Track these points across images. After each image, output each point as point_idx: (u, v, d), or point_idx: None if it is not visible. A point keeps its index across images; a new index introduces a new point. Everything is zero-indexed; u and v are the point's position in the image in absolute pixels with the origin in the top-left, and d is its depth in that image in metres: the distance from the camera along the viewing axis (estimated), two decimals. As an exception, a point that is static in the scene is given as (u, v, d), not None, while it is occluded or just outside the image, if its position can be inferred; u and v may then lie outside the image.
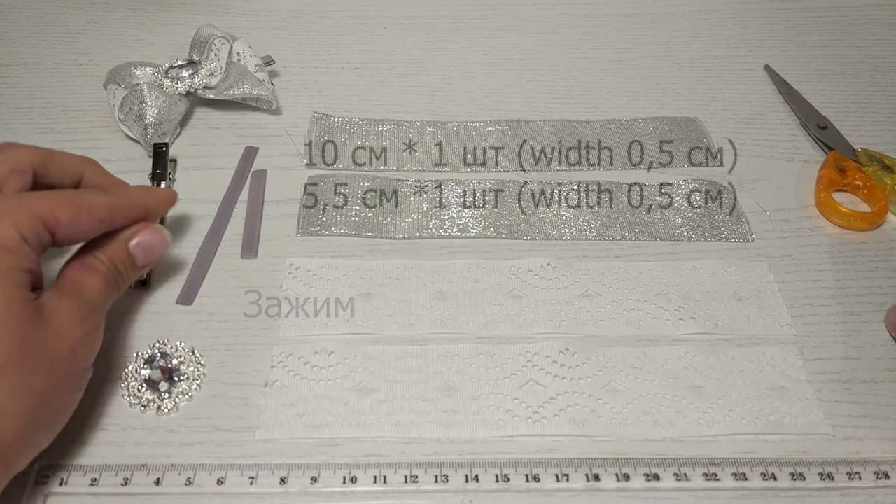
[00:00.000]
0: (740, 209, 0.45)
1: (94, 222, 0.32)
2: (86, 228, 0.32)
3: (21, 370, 0.27)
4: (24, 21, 0.57)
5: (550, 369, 0.36)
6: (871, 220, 0.44)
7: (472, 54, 0.56)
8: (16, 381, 0.27)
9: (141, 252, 0.35)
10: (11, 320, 0.28)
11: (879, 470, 0.33)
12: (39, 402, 0.28)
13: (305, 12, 0.59)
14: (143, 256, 0.35)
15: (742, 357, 0.37)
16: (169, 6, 0.59)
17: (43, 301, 0.29)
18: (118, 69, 0.49)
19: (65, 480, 0.31)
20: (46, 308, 0.29)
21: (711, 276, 0.41)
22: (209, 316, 0.38)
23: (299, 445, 0.33)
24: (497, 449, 0.33)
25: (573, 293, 0.40)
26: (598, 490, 0.32)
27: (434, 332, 0.38)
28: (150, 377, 0.35)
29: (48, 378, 0.29)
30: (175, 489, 0.31)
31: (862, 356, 0.38)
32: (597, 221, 0.44)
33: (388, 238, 0.42)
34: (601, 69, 0.55)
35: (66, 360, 0.29)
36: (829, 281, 0.41)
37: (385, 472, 0.32)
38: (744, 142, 0.49)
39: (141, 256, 0.35)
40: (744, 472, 0.33)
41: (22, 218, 0.29)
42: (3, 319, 0.27)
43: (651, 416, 0.35)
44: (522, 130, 0.49)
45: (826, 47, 0.59)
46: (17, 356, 0.27)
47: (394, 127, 0.49)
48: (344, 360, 0.36)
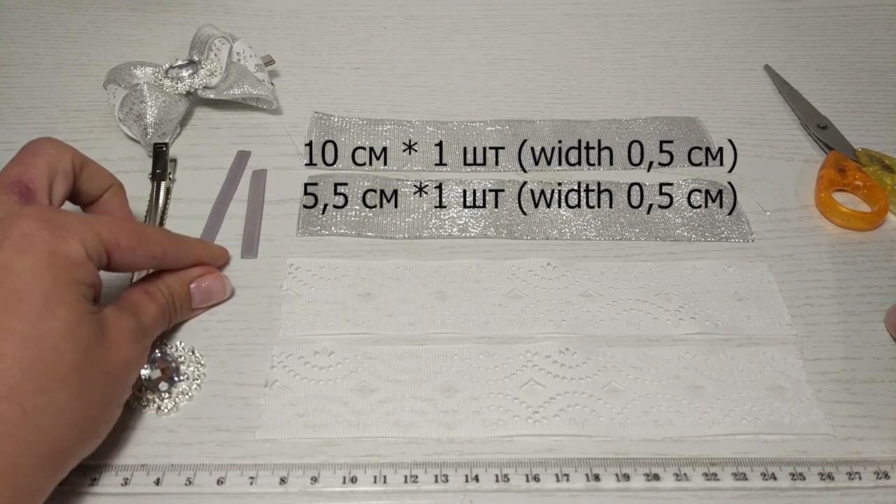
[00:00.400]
0: (740, 209, 0.45)
1: (147, 256, 0.34)
2: (139, 260, 0.33)
3: (83, 379, 0.29)
4: (24, 21, 0.57)
5: (550, 369, 0.36)
6: (871, 220, 0.44)
7: (472, 54, 0.56)
8: (78, 389, 0.28)
9: (199, 294, 0.37)
10: (81, 329, 0.29)
11: (879, 470, 0.33)
12: (92, 412, 0.29)
13: (305, 12, 0.59)
14: (200, 298, 0.37)
15: (742, 357, 0.37)
16: (169, 6, 0.59)
17: (105, 315, 0.31)
18: (118, 69, 0.49)
19: (65, 480, 0.31)
20: (108, 322, 0.30)
21: (711, 276, 0.41)
22: (209, 316, 0.38)
23: (299, 445, 0.33)
24: (497, 449, 0.33)
25: (573, 293, 0.40)
26: (598, 490, 0.32)
27: (434, 332, 0.38)
28: (150, 377, 0.35)
29: (104, 389, 0.30)
30: (175, 489, 0.31)
31: (862, 356, 0.38)
32: (597, 221, 0.44)
33: (388, 238, 0.42)
34: (601, 69, 0.55)
35: (120, 373, 0.31)
36: (829, 281, 0.41)
37: (385, 472, 0.32)
38: (744, 142, 0.49)
39: (198, 298, 0.37)
40: (744, 472, 0.33)
41: (89, 237, 0.30)
42: (74, 328, 0.28)
43: (651, 416, 0.35)
44: (522, 130, 0.49)
45: (826, 47, 0.59)
46: (82, 365, 0.28)
47: (394, 127, 0.49)
48: (344, 360, 0.36)
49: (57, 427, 0.28)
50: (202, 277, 0.37)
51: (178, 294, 0.36)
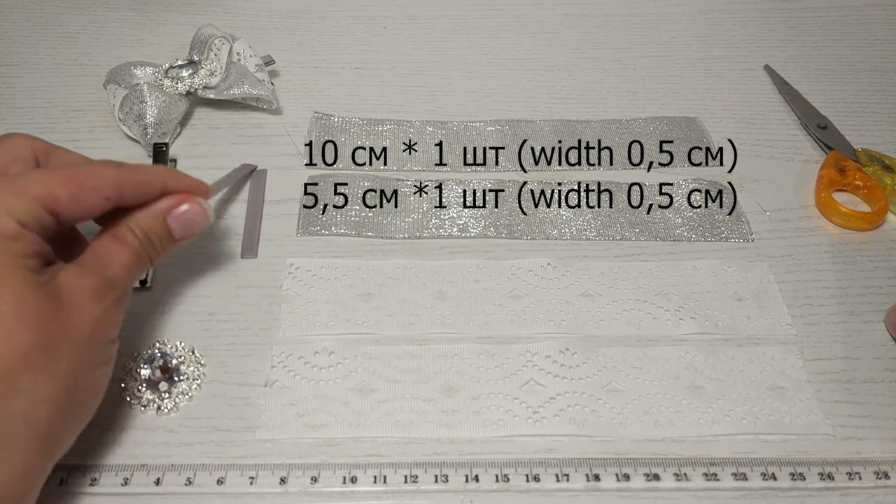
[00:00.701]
0: (740, 209, 0.45)
1: (99, 199, 0.30)
2: (92, 206, 0.30)
3: (46, 354, 0.27)
4: (24, 21, 0.57)
5: (550, 369, 0.36)
6: (872, 220, 0.44)
7: (472, 54, 0.56)
8: (41, 367, 0.27)
9: (179, 224, 0.33)
10: (28, 309, 0.27)
11: (879, 470, 0.33)
12: (67, 383, 0.28)
13: (305, 12, 0.59)
14: (182, 229, 0.33)
15: (742, 357, 0.37)
16: (169, 6, 0.59)
17: (59, 281, 0.29)
18: (118, 69, 0.49)
19: (65, 480, 0.31)
20: (63, 288, 0.29)
21: (711, 276, 0.41)
22: (209, 316, 0.38)
23: (299, 445, 0.33)
24: (497, 449, 0.33)
25: (573, 293, 0.40)
26: (598, 490, 0.32)
27: (434, 332, 0.38)
28: (150, 377, 0.35)
29: (72, 359, 0.28)
30: (175, 489, 0.31)
31: (862, 356, 0.38)
32: (597, 221, 0.44)
33: (388, 238, 0.42)
34: (601, 69, 0.55)
35: (88, 337, 0.29)
36: (829, 281, 0.41)
37: (385, 472, 0.32)
38: (744, 142, 0.49)
39: (179, 229, 0.33)
40: (744, 472, 0.33)
41: (17, 204, 0.28)
42: (21, 306, 0.27)
43: (651, 416, 0.35)
44: (522, 130, 0.49)
45: (826, 47, 0.59)
46: (40, 343, 0.27)
47: (394, 127, 0.49)
48: (344, 360, 0.36)
49: (31, 408, 0.27)
50: (178, 205, 0.33)
51: (154, 231, 0.32)
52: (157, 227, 0.32)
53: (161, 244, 0.33)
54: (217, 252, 0.41)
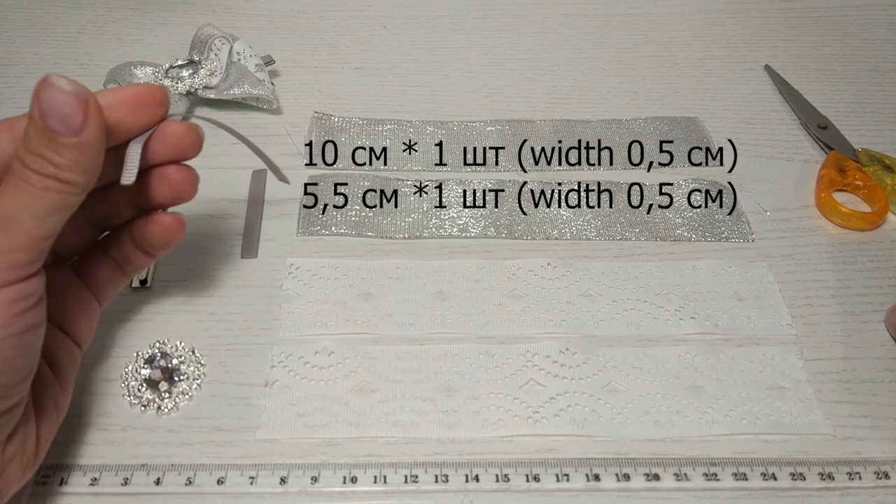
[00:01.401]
0: (740, 209, 0.45)
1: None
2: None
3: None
4: (25, 21, 0.57)
5: (550, 369, 0.36)
6: (872, 220, 0.44)
7: (472, 54, 0.56)
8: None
9: (44, 110, 0.25)
10: None
11: (879, 470, 0.33)
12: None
13: (305, 12, 0.59)
14: (55, 118, 0.25)
15: (742, 357, 0.37)
16: (169, 6, 0.59)
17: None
18: (118, 69, 0.49)
19: (65, 480, 0.31)
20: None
21: (712, 276, 0.41)
22: (209, 316, 0.38)
23: (299, 445, 0.33)
24: (497, 449, 0.33)
25: (573, 293, 0.40)
26: (598, 490, 0.32)
27: (434, 331, 0.38)
28: (150, 377, 0.35)
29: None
30: (175, 489, 0.31)
31: (862, 356, 0.38)
32: (597, 221, 0.44)
33: (388, 238, 0.42)
34: (601, 69, 0.55)
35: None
36: (829, 281, 0.41)
37: (385, 472, 0.32)
38: (744, 142, 0.49)
39: (54, 119, 0.25)
40: (744, 472, 0.33)
41: None
42: None
43: (651, 416, 0.35)
44: (522, 130, 0.49)
45: (826, 47, 0.59)
46: None
47: (394, 127, 0.49)
48: (344, 359, 0.36)
49: None
50: (40, 101, 0.25)
51: (41, 145, 0.25)
52: (41, 139, 0.25)
53: (61, 154, 0.25)
54: (217, 252, 0.41)
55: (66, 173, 0.25)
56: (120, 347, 0.36)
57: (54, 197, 0.25)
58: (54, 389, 0.30)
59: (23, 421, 0.27)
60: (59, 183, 0.25)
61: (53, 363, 0.30)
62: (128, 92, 0.28)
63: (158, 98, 0.29)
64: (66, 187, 0.25)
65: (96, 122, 0.26)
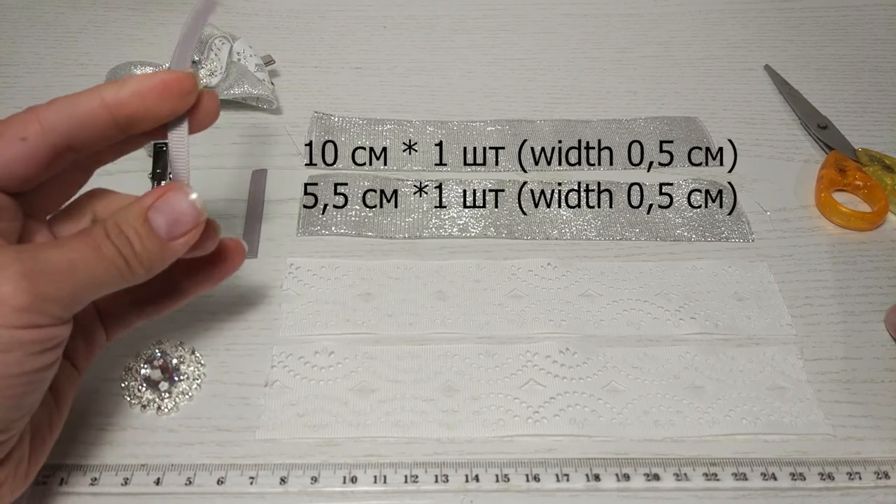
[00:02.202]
0: (740, 209, 0.45)
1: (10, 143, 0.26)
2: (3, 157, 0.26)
3: None
4: (25, 21, 0.57)
5: (550, 369, 0.36)
6: (872, 220, 0.44)
7: (472, 54, 0.56)
8: None
9: (164, 220, 0.27)
10: None
11: (879, 470, 0.33)
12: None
13: (305, 12, 0.59)
14: (167, 228, 0.27)
15: (742, 357, 0.37)
16: (169, 6, 0.59)
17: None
18: (118, 69, 0.49)
19: (65, 480, 0.31)
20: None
21: (712, 276, 0.41)
22: (209, 316, 0.38)
23: (299, 445, 0.33)
24: (497, 449, 0.33)
25: (573, 293, 0.40)
26: (598, 490, 0.32)
27: (434, 331, 0.38)
28: (150, 377, 0.35)
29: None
30: (175, 489, 0.31)
31: (862, 356, 0.38)
32: (597, 221, 0.44)
33: (389, 238, 0.42)
34: (601, 69, 0.55)
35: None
36: (829, 281, 0.41)
37: (385, 472, 0.32)
38: (744, 142, 0.49)
39: (164, 227, 0.27)
40: (744, 472, 0.33)
41: None
42: None
43: (651, 416, 0.35)
44: (522, 130, 0.49)
45: (826, 47, 0.59)
46: None
47: (394, 127, 0.49)
48: (344, 359, 0.36)
49: None
50: (160, 200, 0.27)
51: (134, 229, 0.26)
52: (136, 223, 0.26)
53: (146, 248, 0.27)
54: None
55: (135, 261, 0.26)
56: (120, 347, 0.36)
57: (113, 274, 0.26)
58: (50, 412, 0.29)
59: (17, 445, 0.27)
60: (125, 265, 0.26)
61: (54, 385, 0.29)
62: (157, 80, 0.27)
63: (187, 87, 0.28)
64: (128, 273, 0.26)
65: (190, 240, 0.28)
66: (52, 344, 0.25)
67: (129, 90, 0.27)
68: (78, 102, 0.27)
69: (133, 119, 0.27)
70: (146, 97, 0.27)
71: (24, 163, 0.26)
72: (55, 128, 0.26)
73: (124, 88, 0.27)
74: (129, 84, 0.27)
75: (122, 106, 0.27)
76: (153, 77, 0.27)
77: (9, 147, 0.26)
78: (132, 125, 0.27)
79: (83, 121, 0.27)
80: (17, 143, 0.26)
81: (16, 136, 0.26)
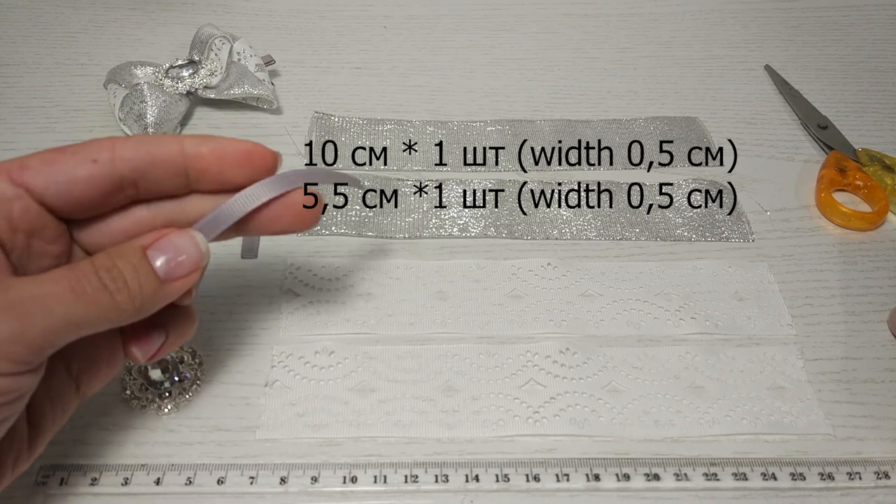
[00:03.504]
0: (740, 209, 0.45)
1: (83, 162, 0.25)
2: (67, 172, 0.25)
3: None
4: (25, 21, 0.57)
5: (551, 369, 0.36)
6: (872, 220, 0.44)
7: (473, 54, 0.56)
8: None
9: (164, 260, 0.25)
10: None
11: (880, 470, 0.33)
12: None
13: (305, 12, 0.59)
14: (167, 268, 0.25)
15: (742, 357, 0.37)
16: (169, 6, 0.59)
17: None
18: (118, 69, 0.49)
19: (65, 480, 0.31)
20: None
21: (712, 276, 0.41)
22: (209, 316, 0.38)
23: (299, 445, 0.33)
24: (497, 449, 0.33)
25: (573, 293, 0.40)
26: (598, 490, 0.32)
27: (434, 331, 0.38)
28: (150, 377, 0.35)
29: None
30: (175, 489, 0.31)
31: (862, 356, 0.38)
32: (597, 221, 0.44)
33: (389, 238, 0.42)
34: (601, 69, 0.55)
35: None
36: (829, 281, 0.41)
37: (385, 471, 0.32)
38: (744, 142, 0.49)
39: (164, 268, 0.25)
40: (744, 472, 0.33)
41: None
42: None
43: (651, 416, 0.35)
44: (523, 130, 0.49)
45: (826, 47, 0.59)
46: None
47: (394, 127, 0.49)
48: (344, 359, 0.36)
49: None
50: (161, 239, 0.26)
51: (130, 264, 0.25)
52: (136, 262, 0.25)
53: (145, 286, 0.25)
54: (217, 252, 0.41)
55: (125, 299, 0.24)
56: (120, 347, 0.36)
57: (94, 314, 0.24)
58: (19, 450, 0.26)
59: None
60: (110, 302, 0.24)
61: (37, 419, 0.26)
62: (242, 147, 0.28)
63: (270, 164, 0.28)
64: (113, 312, 0.24)
65: (188, 283, 0.26)
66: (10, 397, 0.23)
67: (210, 146, 0.27)
68: (157, 142, 0.27)
69: (203, 174, 0.27)
70: (225, 158, 0.27)
71: (88, 184, 0.26)
72: (128, 159, 0.26)
73: (206, 144, 0.27)
74: (212, 141, 0.27)
75: (198, 159, 0.27)
76: (239, 142, 0.28)
77: (80, 166, 0.25)
78: (199, 180, 0.27)
79: (157, 160, 0.26)
80: (87, 164, 0.25)
81: (88, 157, 0.26)
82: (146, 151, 0.26)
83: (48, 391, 0.26)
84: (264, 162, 0.28)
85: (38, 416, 0.26)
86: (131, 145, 0.26)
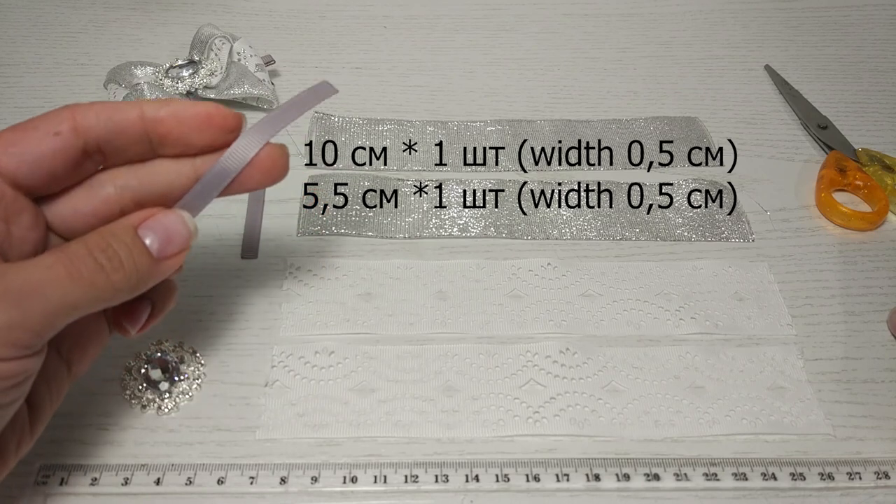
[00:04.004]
0: (740, 209, 0.45)
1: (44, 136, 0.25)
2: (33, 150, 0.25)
3: None
4: (25, 21, 0.57)
5: (551, 369, 0.36)
6: (872, 220, 0.44)
7: (473, 54, 0.56)
8: None
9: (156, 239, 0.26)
10: None
11: (880, 470, 0.33)
12: None
13: (305, 12, 0.59)
14: (159, 246, 0.26)
15: (742, 357, 0.37)
16: (169, 6, 0.59)
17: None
18: (119, 69, 0.49)
19: (65, 480, 0.31)
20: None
21: (712, 276, 0.41)
22: (209, 316, 0.38)
23: (299, 445, 0.33)
24: (497, 449, 0.33)
25: (573, 293, 0.40)
26: (598, 490, 0.32)
27: (434, 331, 0.38)
28: (150, 377, 0.35)
29: None
30: (175, 489, 0.31)
31: (862, 356, 0.38)
32: (597, 221, 0.44)
33: (389, 238, 0.42)
34: (602, 69, 0.55)
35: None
36: (829, 281, 0.41)
37: (385, 471, 0.32)
38: (744, 142, 0.49)
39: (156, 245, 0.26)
40: (744, 472, 0.33)
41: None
42: None
43: (651, 416, 0.35)
44: (522, 130, 0.49)
45: (826, 47, 0.59)
46: None
47: (394, 127, 0.49)
48: (344, 359, 0.36)
49: None
50: (149, 218, 0.27)
51: (124, 243, 0.25)
52: (128, 240, 0.26)
53: (139, 265, 0.26)
54: (217, 252, 0.41)
55: (120, 278, 0.25)
56: (120, 347, 0.36)
57: (90, 295, 0.24)
58: (21, 433, 0.27)
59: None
60: (106, 283, 0.24)
61: (35, 401, 0.27)
62: (201, 109, 0.28)
63: (231, 124, 0.28)
64: (108, 292, 0.25)
65: (179, 262, 0.27)
66: (17, 380, 0.23)
67: (168, 110, 0.27)
68: (117, 109, 0.27)
69: (165, 139, 0.27)
70: (184, 122, 0.27)
71: (53, 157, 0.26)
72: (90, 128, 0.26)
73: (165, 108, 0.27)
74: (171, 105, 0.27)
75: (158, 123, 0.27)
76: (198, 105, 0.28)
77: (42, 141, 0.26)
78: (163, 144, 0.28)
79: (118, 127, 0.27)
80: (50, 138, 0.26)
81: (50, 130, 0.26)
82: (107, 118, 0.27)
83: (44, 373, 0.27)
84: (225, 122, 0.28)
85: (36, 399, 0.27)
86: (92, 114, 0.26)
